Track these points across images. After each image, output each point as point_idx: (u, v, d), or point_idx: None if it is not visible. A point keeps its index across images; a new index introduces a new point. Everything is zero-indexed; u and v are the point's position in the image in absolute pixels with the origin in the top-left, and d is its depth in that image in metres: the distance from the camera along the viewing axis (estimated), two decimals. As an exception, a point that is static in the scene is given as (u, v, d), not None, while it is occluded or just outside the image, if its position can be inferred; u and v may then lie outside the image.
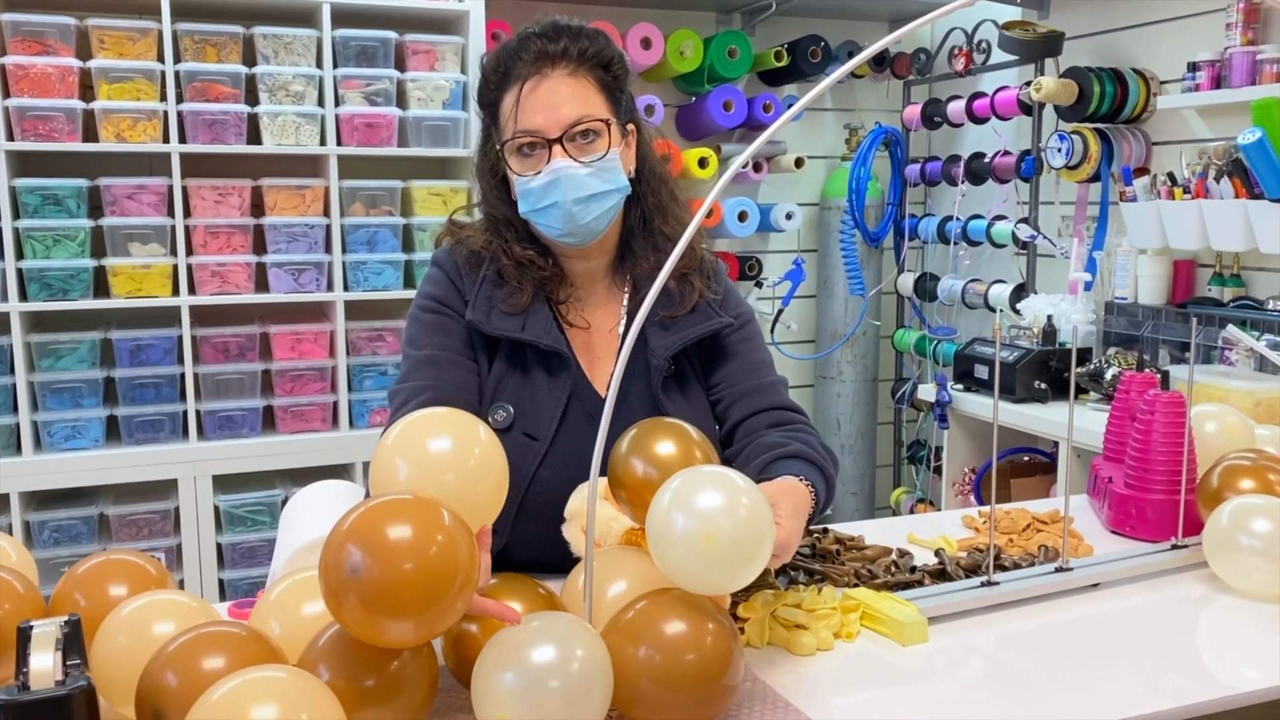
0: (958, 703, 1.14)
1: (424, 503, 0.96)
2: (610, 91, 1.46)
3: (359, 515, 0.95)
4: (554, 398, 1.46)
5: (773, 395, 1.52)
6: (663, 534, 1.03)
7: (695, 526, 1.01)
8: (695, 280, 1.51)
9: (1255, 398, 2.24)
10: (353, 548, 0.92)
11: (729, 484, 1.04)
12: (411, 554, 0.92)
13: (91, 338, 2.86)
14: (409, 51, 3.05)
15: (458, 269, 1.51)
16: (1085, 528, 1.71)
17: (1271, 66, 2.71)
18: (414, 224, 3.10)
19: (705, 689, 1.02)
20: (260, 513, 3.00)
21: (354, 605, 0.91)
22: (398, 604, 0.91)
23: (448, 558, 0.93)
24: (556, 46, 1.42)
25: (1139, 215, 2.98)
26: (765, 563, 1.06)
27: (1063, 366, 3.02)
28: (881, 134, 3.81)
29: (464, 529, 0.97)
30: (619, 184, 1.44)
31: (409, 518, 0.94)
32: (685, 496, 1.03)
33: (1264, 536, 1.38)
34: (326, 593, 0.94)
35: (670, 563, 1.03)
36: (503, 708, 0.97)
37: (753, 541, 1.03)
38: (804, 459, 1.39)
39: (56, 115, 2.73)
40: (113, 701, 1.03)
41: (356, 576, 0.91)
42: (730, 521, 1.01)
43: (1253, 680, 1.18)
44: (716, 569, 1.02)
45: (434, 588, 0.93)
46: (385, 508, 0.95)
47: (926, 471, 3.95)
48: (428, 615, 0.93)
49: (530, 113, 1.41)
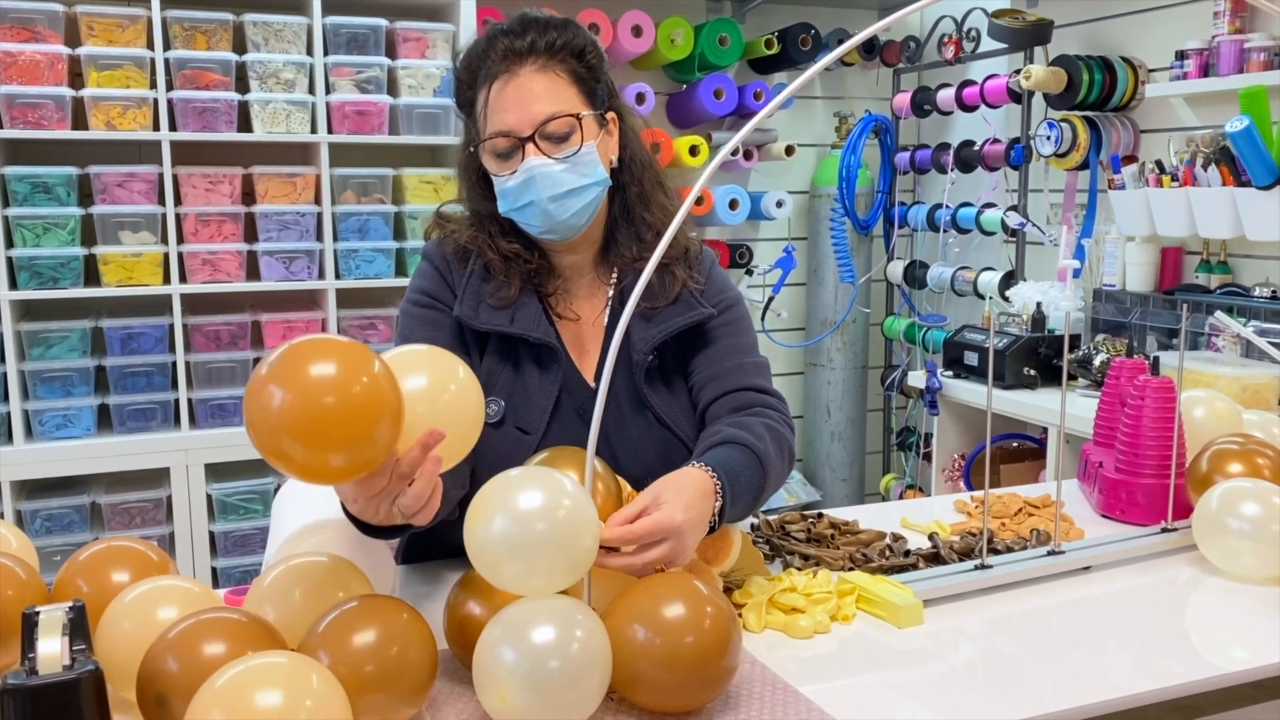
0: (952, 684, 1.15)
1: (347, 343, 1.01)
2: (584, 82, 1.43)
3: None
4: (545, 391, 1.45)
5: (740, 377, 1.47)
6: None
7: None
8: (678, 270, 1.48)
9: (1242, 383, 2.27)
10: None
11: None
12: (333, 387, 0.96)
13: (82, 326, 2.85)
14: (400, 39, 3.04)
15: (446, 263, 1.49)
16: (1076, 512, 1.73)
17: (1259, 55, 2.72)
18: (405, 212, 3.09)
19: (704, 671, 1.03)
20: (253, 501, 3.00)
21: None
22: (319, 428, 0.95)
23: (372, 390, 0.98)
24: (524, 42, 1.39)
25: (1127, 203, 3.00)
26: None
27: (1051, 353, 3.04)
28: (871, 122, 3.82)
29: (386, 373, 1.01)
30: (597, 177, 1.42)
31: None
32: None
33: (1252, 520, 1.40)
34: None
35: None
36: (504, 686, 0.98)
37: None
38: (735, 443, 1.34)
39: (45, 102, 2.72)
40: (118, 686, 1.03)
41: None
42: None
43: (1241, 661, 1.20)
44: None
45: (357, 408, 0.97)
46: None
47: (916, 458, 3.97)
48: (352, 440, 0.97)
49: (501, 112, 1.39)
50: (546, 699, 0.98)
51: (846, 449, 4.02)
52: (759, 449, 1.34)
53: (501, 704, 0.99)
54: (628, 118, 1.52)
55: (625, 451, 1.45)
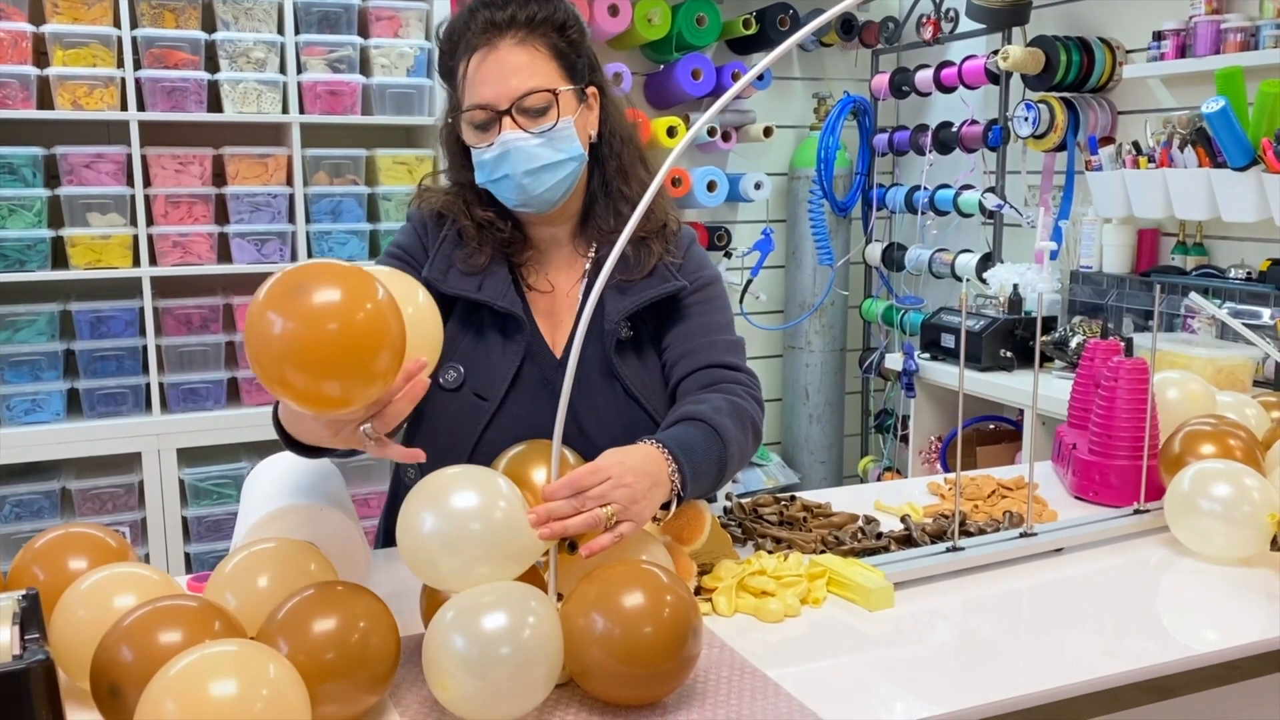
0: (924, 666, 1.14)
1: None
2: (564, 56, 1.43)
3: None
4: (507, 360, 1.45)
5: (710, 354, 1.46)
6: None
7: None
8: (654, 244, 1.49)
9: (1217, 364, 2.27)
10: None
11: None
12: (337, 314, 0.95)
13: (50, 309, 2.81)
14: (372, 18, 3.00)
15: (424, 226, 1.52)
16: (1049, 494, 1.73)
17: (1235, 36, 2.72)
18: (379, 193, 3.05)
19: (662, 664, 1.01)
20: (226, 486, 2.97)
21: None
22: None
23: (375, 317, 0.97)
24: (504, 14, 1.40)
25: (1104, 184, 2.99)
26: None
27: (1028, 335, 3.04)
28: (850, 103, 3.80)
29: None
30: (573, 153, 1.42)
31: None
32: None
33: (1223, 501, 1.40)
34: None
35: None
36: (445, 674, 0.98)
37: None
38: (690, 419, 1.33)
39: (9, 81, 2.66)
40: (73, 676, 1.02)
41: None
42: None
43: (1211, 642, 1.20)
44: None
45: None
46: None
47: (894, 440, 3.98)
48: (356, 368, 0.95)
49: (480, 85, 1.39)
50: (492, 686, 0.97)
51: (825, 431, 4.02)
52: (715, 421, 1.32)
53: (443, 691, 0.98)
54: (610, 92, 1.52)
55: (591, 422, 1.44)
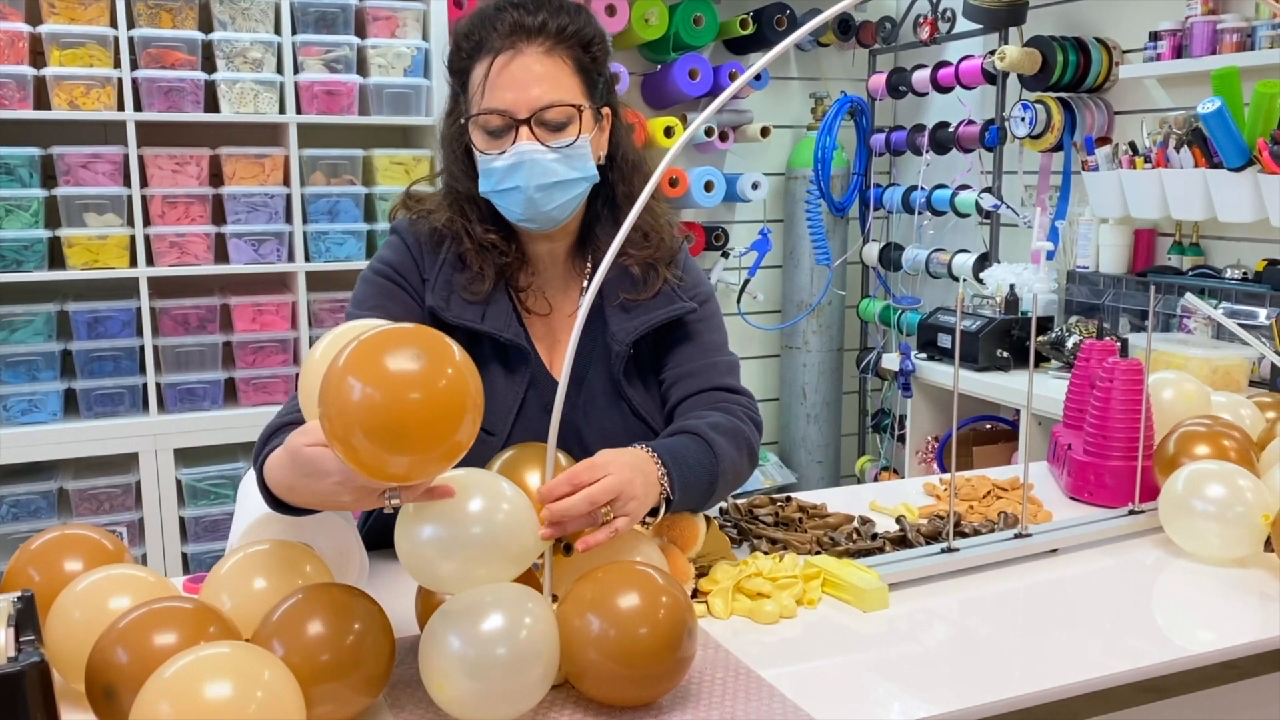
0: (919, 667, 1.15)
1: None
2: (587, 73, 1.39)
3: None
4: (511, 391, 1.42)
5: (711, 376, 1.46)
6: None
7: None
8: (662, 269, 1.47)
9: (1212, 365, 2.27)
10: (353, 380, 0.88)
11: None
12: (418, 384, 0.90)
13: (47, 310, 2.81)
14: (370, 18, 3.00)
15: (419, 244, 1.45)
16: (1045, 494, 1.73)
17: (1231, 36, 2.72)
18: (376, 193, 3.06)
19: (657, 665, 1.01)
20: (223, 486, 2.97)
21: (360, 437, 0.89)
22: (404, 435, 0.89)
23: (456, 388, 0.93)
24: (535, 20, 1.35)
25: (1101, 184, 3.00)
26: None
27: (1025, 335, 3.04)
28: (847, 103, 3.81)
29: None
30: (586, 172, 1.39)
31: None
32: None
33: (1217, 502, 1.40)
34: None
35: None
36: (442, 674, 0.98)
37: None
38: (682, 432, 1.34)
39: (6, 81, 2.66)
40: (68, 678, 1.02)
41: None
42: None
43: (1206, 642, 1.20)
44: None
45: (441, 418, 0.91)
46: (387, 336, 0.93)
47: (891, 440, 3.98)
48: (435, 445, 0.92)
49: (500, 90, 1.34)
50: (488, 686, 0.97)
51: (822, 431, 4.02)
52: (709, 436, 1.33)
53: (439, 692, 0.98)
54: (621, 114, 1.48)
55: (596, 444, 1.42)
